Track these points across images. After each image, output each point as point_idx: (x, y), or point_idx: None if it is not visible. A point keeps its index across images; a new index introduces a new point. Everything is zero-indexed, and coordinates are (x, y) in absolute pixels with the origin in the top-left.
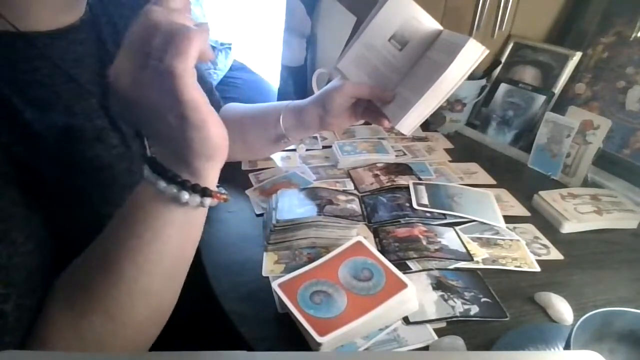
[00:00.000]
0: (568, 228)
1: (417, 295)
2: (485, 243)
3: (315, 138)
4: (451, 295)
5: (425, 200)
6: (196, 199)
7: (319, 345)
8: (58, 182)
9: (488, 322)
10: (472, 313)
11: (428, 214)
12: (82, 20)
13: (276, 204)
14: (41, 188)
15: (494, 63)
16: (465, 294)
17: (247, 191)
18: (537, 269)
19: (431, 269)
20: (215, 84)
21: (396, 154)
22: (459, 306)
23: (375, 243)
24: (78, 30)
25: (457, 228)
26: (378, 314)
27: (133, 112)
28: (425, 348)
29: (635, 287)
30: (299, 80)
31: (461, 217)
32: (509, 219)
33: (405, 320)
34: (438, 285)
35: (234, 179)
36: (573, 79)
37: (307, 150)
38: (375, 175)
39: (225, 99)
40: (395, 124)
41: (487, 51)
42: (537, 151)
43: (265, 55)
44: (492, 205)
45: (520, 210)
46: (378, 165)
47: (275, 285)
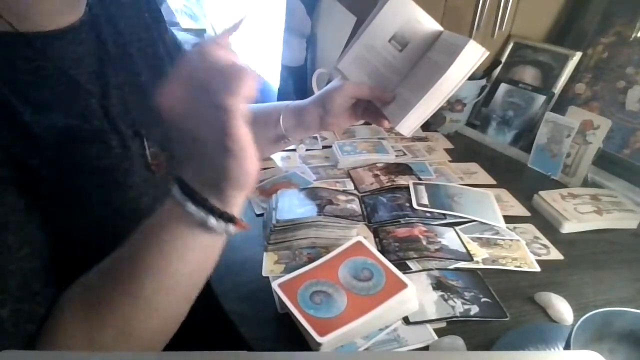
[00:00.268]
0: (568, 228)
1: (417, 295)
2: (485, 243)
3: (315, 138)
4: (451, 295)
5: (425, 200)
6: (221, 225)
7: (319, 345)
8: (57, 183)
9: (488, 322)
10: (472, 313)
11: (428, 214)
12: (82, 21)
13: (276, 204)
14: (40, 189)
15: (494, 63)
16: (465, 294)
17: None
18: (537, 269)
19: (431, 269)
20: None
21: (396, 154)
22: (459, 306)
23: (375, 243)
24: (77, 31)
25: (457, 228)
26: (378, 314)
27: (180, 138)
28: (425, 348)
29: (635, 287)
30: (299, 80)
31: (461, 217)
32: (509, 219)
33: (405, 320)
34: (438, 285)
35: None
36: (573, 79)
37: (307, 150)
38: (375, 175)
39: None
40: (395, 124)
41: (488, 53)
42: (537, 151)
43: (265, 55)
44: (492, 205)
45: (520, 210)
46: (378, 165)
47: (275, 285)
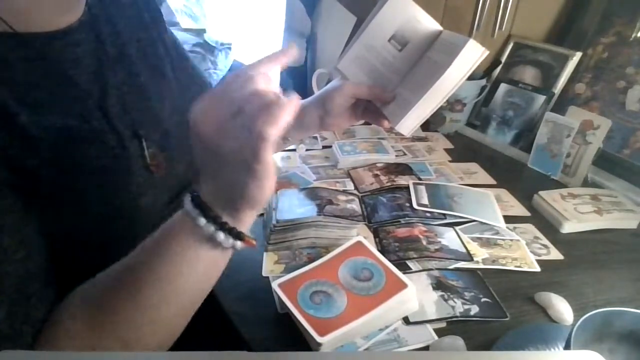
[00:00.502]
0: (568, 228)
1: (417, 295)
2: (485, 243)
3: (315, 138)
4: (451, 295)
5: (425, 200)
6: (230, 240)
7: (319, 345)
8: (55, 184)
9: (488, 322)
10: (472, 313)
11: (428, 214)
12: (81, 21)
13: (276, 204)
14: (38, 189)
15: (494, 63)
16: (465, 294)
17: None
18: (537, 269)
19: (431, 269)
20: (215, 84)
21: (396, 154)
22: (459, 306)
23: (375, 243)
24: (76, 31)
25: (457, 228)
26: (378, 314)
27: (205, 152)
28: (425, 348)
29: (635, 287)
30: (299, 80)
31: (461, 217)
32: (509, 219)
33: (405, 320)
34: (438, 285)
35: None
36: (573, 79)
37: (307, 150)
38: (375, 175)
39: None
40: (395, 124)
41: (487, 52)
42: (537, 151)
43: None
44: (492, 205)
45: (520, 210)
46: (378, 165)
47: (275, 285)
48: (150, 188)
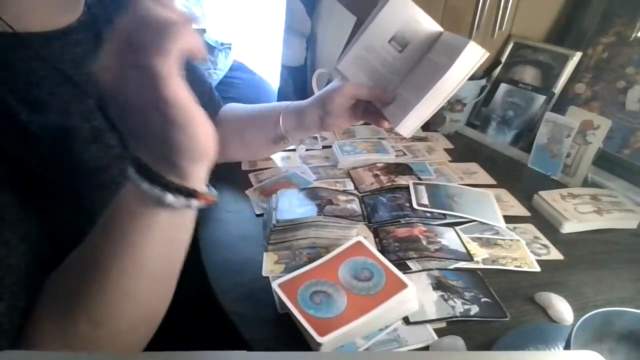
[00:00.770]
0: (568, 228)
1: (417, 295)
2: (485, 243)
3: (315, 138)
4: (451, 295)
5: (425, 200)
6: (181, 200)
7: (319, 345)
8: (54, 183)
9: (488, 322)
10: (472, 313)
11: (428, 214)
12: (80, 21)
13: (276, 204)
14: (37, 189)
15: (494, 63)
16: (465, 294)
17: (247, 191)
18: (537, 269)
19: (431, 269)
20: (215, 84)
21: (396, 154)
22: (459, 306)
23: (375, 243)
24: (76, 31)
25: (457, 228)
26: (378, 314)
27: (117, 109)
28: (425, 348)
29: (635, 287)
30: (299, 80)
31: (461, 217)
32: (509, 219)
33: (405, 320)
34: (438, 285)
35: (234, 179)
36: (573, 79)
37: (307, 150)
38: (375, 175)
39: (225, 99)
40: (395, 125)
41: (487, 54)
42: (537, 151)
43: (265, 55)
44: (492, 205)
45: (520, 210)
46: (378, 165)
47: (275, 285)
48: None
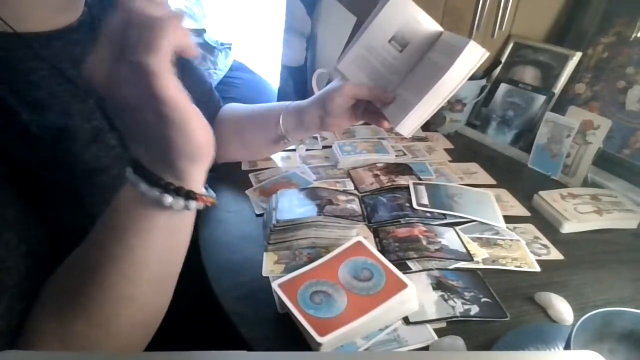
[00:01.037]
0: (568, 228)
1: (417, 295)
2: (485, 243)
3: (315, 138)
4: (451, 295)
5: (425, 200)
6: (180, 202)
7: (319, 345)
8: (54, 183)
9: (488, 322)
10: (472, 313)
11: (428, 214)
12: (80, 21)
13: (276, 204)
14: (38, 188)
15: (494, 63)
16: (465, 294)
17: (247, 191)
18: (537, 269)
19: (431, 269)
20: (215, 84)
21: (396, 154)
22: (459, 306)
23: (375, 243)
24: (75, 31)
25: (457, 228)
26: (378, 314)
27: (112, 108)
28: (425, 348)
29: (635, 287)
30: (299, 80)
31: (461, 217)
32: (509, 219)
33: (405, 320)
34: (438, 285)
35: (234, 179)
36: (573, 79)
37: (307, 150)
38: (375, 175)
39: (225, 99)
40: (395, 125)
41: (488, 54)
42: (537, 151)
43: (265, 55)
44: (492, 205)
45: (520, 210)
46: (378, 165)
47: (275, 285)
48: None
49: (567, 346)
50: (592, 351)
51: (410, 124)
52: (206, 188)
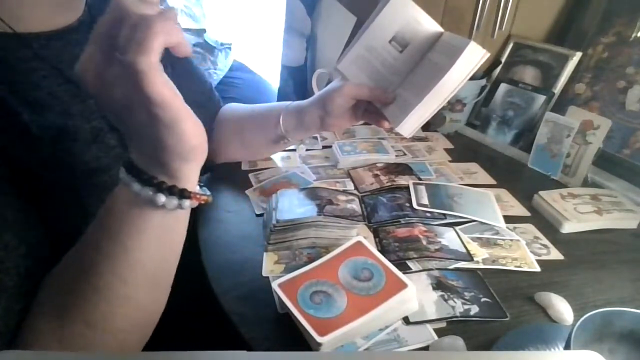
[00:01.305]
0: (568, 228)
1: (417, 295)
2: (485, 243)
3: (315, 138)
4: (451, 295)
5: (425, 200)
6: (173, 201)
7: (319, 345)
8: (55, 184)
9: (488, 322)
10: (472, 313)
11: (428, 214)
12: (80, 21)
13: (276, 204)
14: (38, 188)
15: (494, 63)
16: (465, 294)
17: (247, 191)
18: (537, 269)
19: (431, 269)
20: (215, 84)
21: (396, 154)
22: (459, 306)
23: (375, 243)
24: (75, 31)
25: (457, 228)
26: (378, 314)
27: (104, 108)
28: (425, 348)
29: (635, 287)
30: (299, 80)
31: (461, 217)
32: (509, 219)
33: (405, 320)
34: (438, 285)
35: (234, 179)
36: (573, 79)
37: (307, 150)
38: (375, 175)
39: (225, 99)
40: (395, 125)
41: (488, 54)
42: (537, 151)
43: (265, 55)
44: (492, 205)
45: (520, 210)
46: (378, 165)
47: (275, 285)
48: None
49: (567, 346)
50: (592, 351)
51: (411, 124)
52: (201, 186)
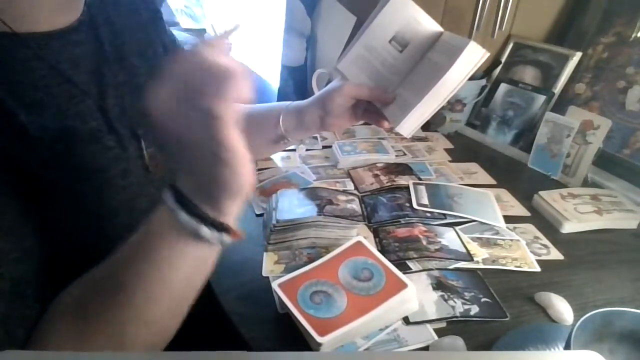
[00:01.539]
0: (568, 228)
1: (417, 295)
2: (485, 243)
3: (315, 138)
4: (451, 295)
5: (425, 200)
6: (215, 234)
7: (319, 345)
8: (53, 184)
9: (488, 322)
10: (472, 313)
11: (428, 214)
12: (80, 21)
13: (276, 204)
14: (36, 189)
15: (494, 63)
16: (465, 294)
17: None
18: (537, 269)
19: (431, 269)
20: None
21: (396, 154)
22: (459, 306)
23: (375, 243)
24: (75, 31)
25: (457, 228)
26: (378, 314)
27: (169, 143)
28: (425, 348)
29: (635, 287)
30: (299, 80)
31: (461, 217)
32: (509, 219)
33: (405, 320)
34: (438, 285)
35: None
36: (573, 79)
37: (307, 150)
38: (375, 175)
39: None
40: (395, 125)
41: (488, 54)
42: (537, 151)
43: (265, 55)
44: (492, 205)
45: (520, 210)
46: (378, 165)
47: (275, 285)
48: (148, 189)
49: (567, 346)
50: (592, 351)
51: (411, 124)
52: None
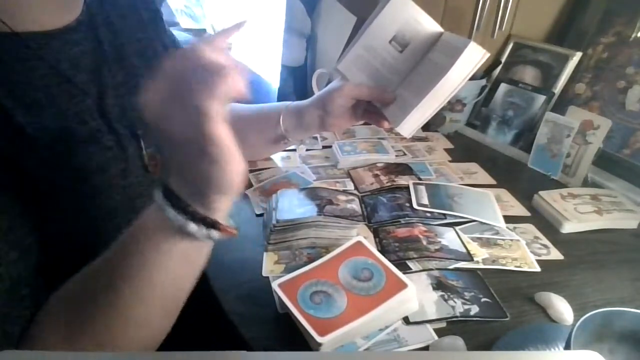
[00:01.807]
0: (568, 228)
1: (417, 295)
2: (485, 243)
3: (315, 138)
4: (451, 295)
5: (425, 200)
6: (202, 231)
7: (319, 345)
8: (52, 184)
9: (488, 322)
10: (472, 313)
11: (428, 214)
12: (79, 21)
13: (276, 204)
14: (34, 189)
15: (494, 63)
16: (465, 294)
17: (247, 191)
18: (537, 269)
19: (431, 269)
20: None
21: (396, 154)
22: (459, 306)
23: (375, 243)
24: (74, 31)
25: (457, 228)
26: (378, 314)
27: (161, 140)
28: (425, 348)
29: (635, 287)
30: (299, 80)
31: (461, 217)
32: (509, 219)
33: (405, 320)
34: (438, 285)
35: None
36: (573, 79)
37: (307, 150)
38: (375, 175)
39: None
40: (395, 126)
41: (488, 54)
42: (537, 151)
43: (265, 55)
44: (492, 205)
45: (520, 210)
46: (378, 165)
47: (275, 285)
48: (147, 188)
49: (567, 346)
50: (592, 351)
51: (411, 124)
52: (228, 219)
